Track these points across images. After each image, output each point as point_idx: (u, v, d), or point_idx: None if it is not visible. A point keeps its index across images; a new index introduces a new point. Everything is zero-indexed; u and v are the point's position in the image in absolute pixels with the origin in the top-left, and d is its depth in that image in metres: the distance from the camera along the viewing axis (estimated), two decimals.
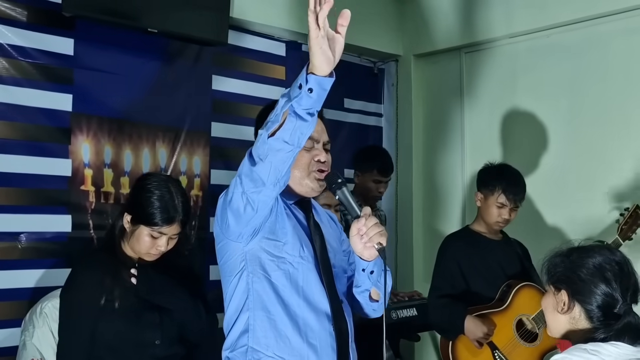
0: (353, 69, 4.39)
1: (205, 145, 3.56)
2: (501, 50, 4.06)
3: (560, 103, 3.74)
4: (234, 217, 1.75)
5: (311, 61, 1.56)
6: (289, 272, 1.85)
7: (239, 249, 1.83)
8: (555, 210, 3.78)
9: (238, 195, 1.71)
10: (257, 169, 1.64)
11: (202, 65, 3.56)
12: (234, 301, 1.86)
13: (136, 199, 2.27)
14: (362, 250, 1.83)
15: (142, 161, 3.30)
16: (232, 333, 1.87)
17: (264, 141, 1.61)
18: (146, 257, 2.29)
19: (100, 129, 3.15)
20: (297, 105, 1.57)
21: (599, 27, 3.58)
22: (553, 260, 1.87)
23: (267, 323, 1.84)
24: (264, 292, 1.84)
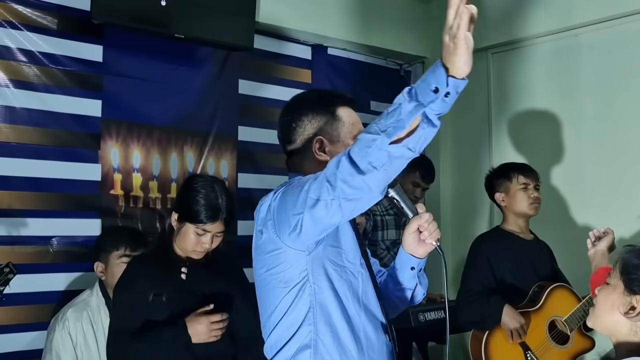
0: (379, 72, 4.38)
1: (233, 149, 3.59)
2: (528, 51, 4.02)
3: (589, 104, 3.69)
4: (313, 223, 1.59)
5: (451, 62, 1.44)
6: (350, 282, 1.75)
7: (301, 258, 1.69)
8: (584, 213, 3.73)
9: (325, 202, 1.54)
10: (367, 177, 1.48)
11: (229, 70, 3.59)
12: (291, 315, 1.71)
13: (183, 198, 2.37)
14: (417, 248, 1.81)
15: (171, 165, 3.34)
16: (287, 350, 1.72)
17: (381, 148, 1.45)
18: (192, 255, 2.36)
19: (129, 134, 3.20)
20: (430, 111, 1.44)
21: (627, 25, 3.53)
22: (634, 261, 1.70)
23: (331, 338, 1.71)
24: (329, 304, 1.71)
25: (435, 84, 1.42)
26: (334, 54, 4.13)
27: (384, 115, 1.48)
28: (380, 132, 1.46)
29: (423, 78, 1.45)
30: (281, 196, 1.67)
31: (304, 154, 1.81)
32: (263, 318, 1.79)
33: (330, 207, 1.54)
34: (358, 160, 1.48)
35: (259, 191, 3.67)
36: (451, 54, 1.44)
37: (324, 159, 1.75)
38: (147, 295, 2.28)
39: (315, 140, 1.78)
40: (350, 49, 4.17)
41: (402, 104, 1.45)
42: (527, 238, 3.25)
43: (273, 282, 1.72)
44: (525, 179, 3.16)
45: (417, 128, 1.45)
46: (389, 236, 3.67)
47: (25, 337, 2.88)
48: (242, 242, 3.57)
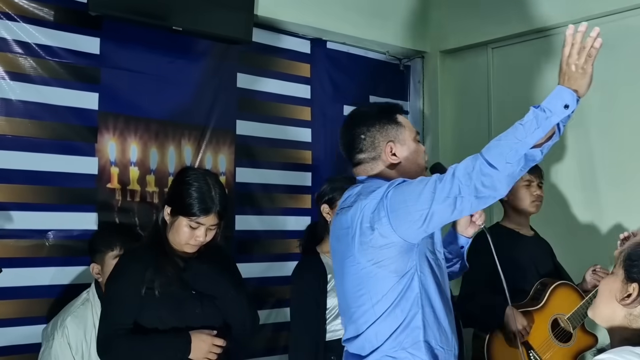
0: (379, 66, 4.35)
1: (231, 143, 3.56)
2: (529, 45, 3.99)
3: (593, 98, 3.63)
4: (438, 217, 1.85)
5: (579, 85, 1.81)
6: (441, 267, 2.06)
7: (412, 248, 1.94)
8: (586, 209, 3.71)
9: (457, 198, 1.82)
10: (502, 176, 1.78)
11: (228, 63, 3.56)
12: (403, 301, 1.95)
13: (175, 191, 2.37)
14: (467, 228, 2.22)
15: (168, 159, 3.31)
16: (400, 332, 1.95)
17: (519, 151, 1.77)
18: (186, 248, 2.35)
19: (126, 127, 3.17)
20: (561, 123, 1.81)
21: (633, 19, 3.50)
22: (638, 250, 1.69)
23: (433, 318, 1.98)
24: (431, 288, 1.98)
25: (565, 102, 1.78)
26: (333, 48, 4.10)
27: (520, 127, 1.78)
28: (520, 139, 1.77)
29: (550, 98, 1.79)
30: (394, 195, 1.90)
31: (377, 159, 2.09)
32: (363, 307, 1.98)
33: (459, 202, 1.81)
34: (496, 162, 1.77)
35: (257, 186, 3.66)
36: (579, 79, 1.81)
37: (395, 161, 2.07)
38: (139, 289, 2.27)
39: (387, 145, 2.07)
40: (349, 43, 4.14)
41: (538, 117, 1.76)
42: (527, 235, 3.24)
43: (381, 273, 1.94)
44: (529, 175, 3.12)
45: (552, 136, 1.81)
46: None
47: (20, 331, 2.85)
48: (240, 236, 3.57)
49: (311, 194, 3.78)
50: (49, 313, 2.88)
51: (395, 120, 2.10)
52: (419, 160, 2.12)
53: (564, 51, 1.82)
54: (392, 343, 1.96)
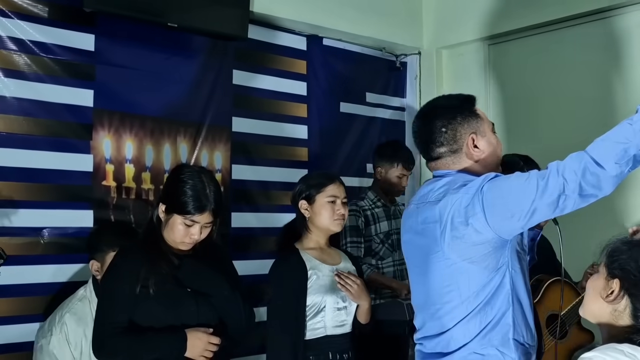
0: (375, 63, 4.34)
1: (227, 140, 3.55)
2: (526, 42, 3.99)
3: (588, 95, 3.67)
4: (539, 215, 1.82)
5: None
6: (527, 263, 2.06)
7: (505, 245, 1.91)
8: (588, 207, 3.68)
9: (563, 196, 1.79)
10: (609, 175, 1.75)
11: (223, 60, 3.55)
12: (494, 298, 1.91)
13: (170, 189, 2.35)
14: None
15: (164, 156, 3.30)
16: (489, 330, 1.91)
17: (628, 151, 1.73)
18: (181, 246, 2.34)
19: (121, 124, 3.16)
20: None
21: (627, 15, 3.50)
22: (619, 247, 1.70)
23: (521, 315, 1.95)
24: (519, 285, 1.95)
25: None
26: (330, 45, 4.09)
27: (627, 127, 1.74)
28: (630, 140, 1.72)
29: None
30: (491, 191, 1.84)
31: (458, 152, 2.03)
32: (450, 304, 1.93)
33: (562, 201, 1.78)
34: (603, 161, 1.74)
35: (253, 183, 3.66)
36: None
37: (478, 153, 2.01)
38: (134, 287, 2.25)
39: (469, 138, 2.02)
40: (345, 40, 4.13)
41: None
42: None
43: (473, 269, 1.90)
44: None
45: None
46: (381, 229, 3.63)
47: (16, 329, 2.84)
48: (237, 233, 3.56)
49: None
50: (45, 311, 2.87)
51: (475, 112, 2.06)
52: (498, 152, 2.09)
53: None
54: (482, 340, 1.92)
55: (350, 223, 3.56)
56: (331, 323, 2.58)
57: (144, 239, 2.42)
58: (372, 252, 3.59)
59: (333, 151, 4.05)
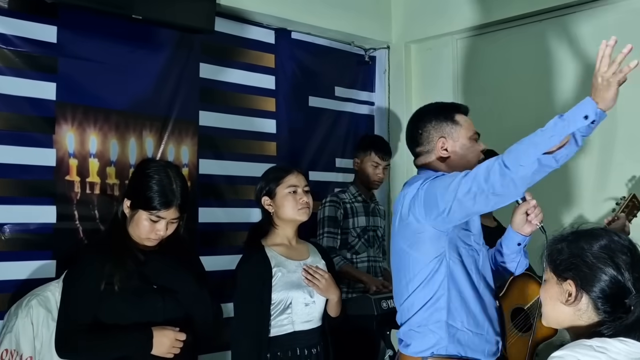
0: (344, 57, 4.33)
1: (194, 134, 3.51)
2: (495, 37, 4.01)
3: (556, 90, 3.70)
4: (459, 209, 2.03)
5: (602, 97, 1.82)
6: (475, 258, 2.21)
7: (442, 237, 2.14)
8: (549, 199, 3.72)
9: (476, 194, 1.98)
10: (515, 178, 1.91)
11: (190, 53, 3.50)
12: (430, 283, 2.16)
13: (135, 184, 2.32)
14: (524, 227, 2.27)
15: (129, 151, 3.25)
16: (425, 311, 2.17)
17: (533, 156, 1.87)
18: (146, 242, 2.31)
19: (85, 118, 3.10)
20: (578, 133, 1.84)
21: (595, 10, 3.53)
22: (556, 246, 1.67)
23: (460, 302, 2.15)
24: (459, 274, 2.16)
25: (586, 112, 1.82)
26: (298, 39, 4.06)
27: (538, 133, 1.90)
28: (535, 145, 1.88)
29: (573, 109, 1.85)
30: (428, 186, 2.12)
31: (431, 152, 2.30)
32: (400, 285, 2.24)
33: (478, 198, 1.97)
34: (510, 164, 1.91)
35: (220, 177, 3.62)
36: (603, 91, 1.82)
37: (446, 156, 2.26)
38: (98, 284, 2.22)
39: (439, 141, 2.27)
40: (314, 34, 4.11)
41: (555, 125, 1.86)
42: (490, 225, 3.25)
43: (413, 255, 2.18)
44: None
45: (565, 144, 1.86)
46: (359, 223, 3.64)
47: None
48: (204, 229, 3.52)
49: None
50: (8, 308, 2.79)
51: (452, 119, 2.29)
52: (470, 157, 2.27)
53: (596, 64, 1.84)
54: (418, 319, 2.18)
55: (329, 213, 3.58)
56: (299, 319, 2.57)
57: (108, 235, 2.38)
58: (348, 246, 3.59)
59: (302, 145, 4.03)
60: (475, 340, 2.17)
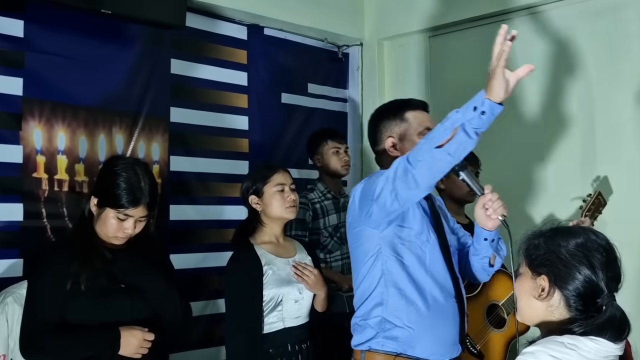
0: (317, 54, 4.31)
1: (164, 131, 3.47)
2: (467, 34, 4.02)
3: (529, 88, 3.72)
4: (378, 209, 2.07)
5: (491, 87, 1.82)
6: (418, 254, 2.17)
7: (376, 235, 2.16)
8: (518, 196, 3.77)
9: (387, 192, 2.02)
10: (416, 174, 1.93)
11: (160, 49, 3.46)
12: (369, 278, 2.19)
13: (102, 182, 2.29)
14: (486, 222, 2.18)
15: (98, 147, 3.20)
16: (366, 305, 2.20)
17: (428, 151, 1.89)
18: (114, 241, 2.28)
19: (53, 114, 3.04)
20: (468, 124, 1.83)
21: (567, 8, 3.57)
22: (533, 242, 1.67)
23: (399, 298, 2.15)
24: (396, 271, 2.15)
25: (475, 103, 1.83)
26: (271, 35, 4.04)
27: (437, 127, 1.90)
28: (430, 138, 1.89)
29: (468, 102, 1.85)
30: (363, 185, 2.17)
31: (384, 152, 2.30)
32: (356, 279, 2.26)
33: (389, 197, 2.01)
34: (412, 160, 1.93)
35: (192, 174, 3.59)
36: (490, 80, 1.81)
37: (395, 155, 2.21)
38: (64, 284, 2.18)
39: (388, 140, 2.28)
40: (287, 30, 4.09)
41: (450, 118, 1.86)
42: (462, 222, 3.26)
43: (357, 253, 2.23)
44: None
45: (455, 136, 1.83)
46: (330, 222, 3.61)
47: None
48: (175, 226, 3.49)
49: None
50: None
51: (401, 117, 2.29)
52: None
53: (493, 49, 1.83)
54: (361, 312, 2.23)
55: (297, 216, 3.54)
56: (290, 315, 2.61)
57: (75, 233, 2.34)
58: (321, 246, 3.57)
59: (274, 142, 4.01)
60: (417, 338, 2.14)
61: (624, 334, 1.58)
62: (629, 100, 3.34)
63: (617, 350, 1.56)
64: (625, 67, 3.36)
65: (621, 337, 1.58)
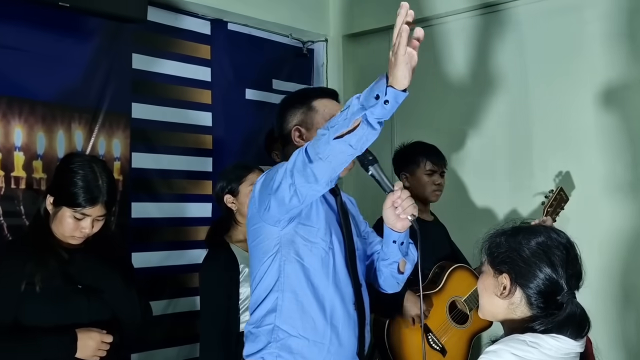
0: (282, 50, 4.27)
1: (126, 127, 3.40)
2: (429, 31, 4.02)
3: (486, 84, 3.75)
4: (277, 205, 1.89)
5: (393, 74, 1.64)
6: (321, 257, 1.99)
7: (275, 233, 1.97)
8: (481, 192, 3.80)
9: (286, 186, 1.83)
10: (314, 167, 1.75)
11: (121, 43, 3.38)
12: (265, 281, 2.00)
13: (58, 180, 2.23)
14: (395, 222, 2.01)
15: (57, 144, 3.12)
16: (259, 311, 2.01)
17: (327, 142, 1.71)
18: (71, 240, 2.22)
19: (9, 109, 2.95)
20: (370, 114, 1.66)
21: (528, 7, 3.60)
22: (495, 240, 1.68)
23: (295, 304, 1.97)
24: (295, 274, 1.97)
25: (377, 92, 1.65)
26: (235, 30, 3.99)
27: (337, 115, 1.74)
28: (329, 128, 1.72)
29: (370, 86, 1.68)
30: (264, 178, 1.99)
31: (289, 143, 2.13)
32: (252, 281, 2.07)
33: (288, 191, 1.83)
34: (310, 151, 1.76)
35: (154, 171, 3.53)
36: (392, 68, 1.64)
37: (302, 145, 1.94)
38: (18, 285, 2.12)
39: (294, 129, 2.10)
40: (251, 25, 4.04)
41: (350, 106, 1.69)
42: (427, 219, 3.28)
43: (256, 252, 2.03)
44: (432, 165, 3.18)
45: (357, 127, 1.68)
46: None
47: None
48: (137, 224, 3.43)
49: (212, 180, 3.67)
50: None
51: (308, 105, 2.11)
52: None
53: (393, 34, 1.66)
54: (254, 319, 2.04)
55: None
56: None
57: (30, 233, 2.28)
58: None
59: (238, 139, 3.96)
60: (312, 350, 1.97)
61: (584, 331, 1.60)
62: (589, 99, 3.38)
63: (578, 347, 1.59)
64: (584, 65, 3.40)
65: (581, 334, 1.60)
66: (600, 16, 3.34)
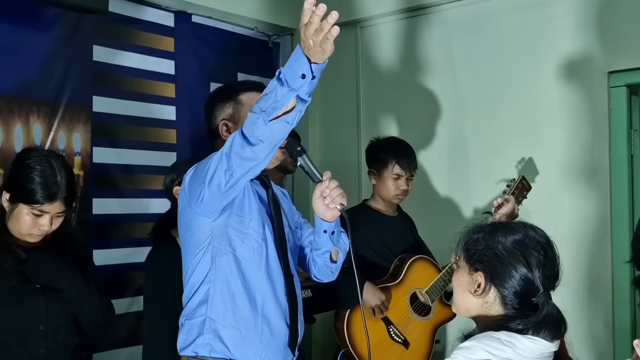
0: (247, 43, 4.22)
1: (86, 120, 3.31)
2: (397, 25, 4.02)
3: (456, 79, 3.75)
4: (210, 193, 1.89)
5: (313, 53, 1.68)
6: (253, 248, 2.01)
7: (207, 224, 1.98)
8: (449, 186, 3.81)
9: (222, 172, 1.85)
10: (256, 149, 1.79)
11: (81, 34, 3.28)
12: (197, 273, 2.01)
13: (14, 176, 2.15)
14: (325, 212, 2.03)
15: (14, 138, 3.02)
16: (191, 302, 2.03)
17: (264, 124, 1.75)
18: (28, 238, 2.14)
19: None
20: (302, 92, 1.72)
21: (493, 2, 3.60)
22: (473, 236, 1.67)
23: (227, 295, 1.99)
24: (227, 266, 1.98)
25: (301, 71, 1.69)
26: (199, 22, 3.92)
27: (263, 97, 1.76)
28: (262, 112, 1.75)
29: (290, 64, 1.71)
30: (194, 170, 1.98)
31: (218, 137, 2.14)
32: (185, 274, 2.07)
33: (224, 177, 1.84)
34: (248, 135, 1.79)
35: (116, 166, 3.45)
36: (318, 53, 1.68)
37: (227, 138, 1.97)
38: None
39: (221, 124, 2.13)
40: (216, 17, 3.98)
41: (277, 88, 1.72)
42: (391, 215, 3.27)
43: (188, 244, 2.03)
44: (400, 170, 3.14)
45: (294, 107, 1.75)
46: None
47: None
48: (98, 221, 3.35)
49: None
50: None
51: (235, 99, 2.14)
52: None
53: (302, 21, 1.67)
54: (185, 310, 2.06)
55: None
56: None
57: None
58: None
59: (203, 133, 3.87)
60: (244, 340, 1.99)
61: (560, 332, 1.60)
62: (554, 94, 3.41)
63: (552, 347, 1.58)
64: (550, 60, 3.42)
65: (558, 335, 1.59)
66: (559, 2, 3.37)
